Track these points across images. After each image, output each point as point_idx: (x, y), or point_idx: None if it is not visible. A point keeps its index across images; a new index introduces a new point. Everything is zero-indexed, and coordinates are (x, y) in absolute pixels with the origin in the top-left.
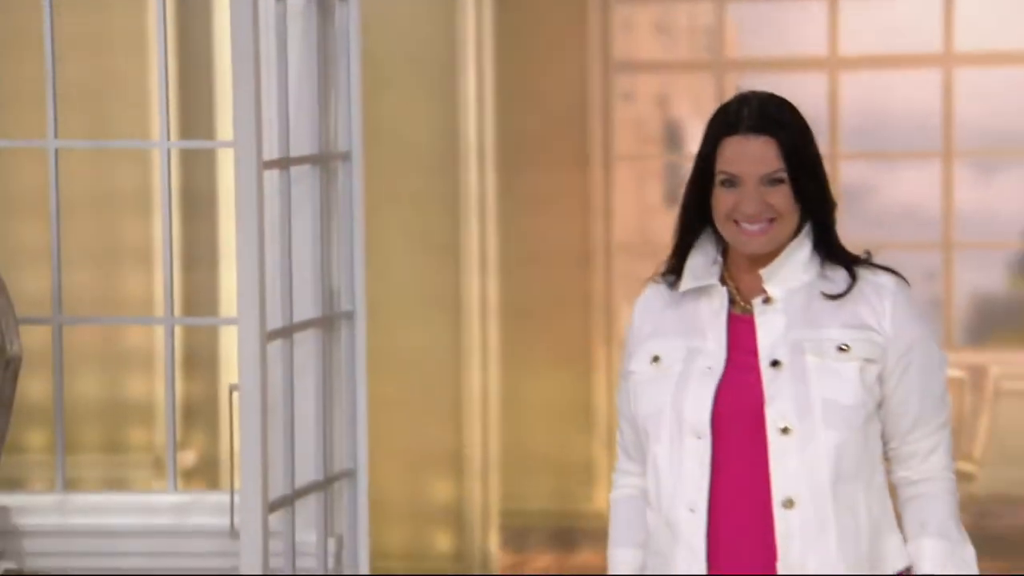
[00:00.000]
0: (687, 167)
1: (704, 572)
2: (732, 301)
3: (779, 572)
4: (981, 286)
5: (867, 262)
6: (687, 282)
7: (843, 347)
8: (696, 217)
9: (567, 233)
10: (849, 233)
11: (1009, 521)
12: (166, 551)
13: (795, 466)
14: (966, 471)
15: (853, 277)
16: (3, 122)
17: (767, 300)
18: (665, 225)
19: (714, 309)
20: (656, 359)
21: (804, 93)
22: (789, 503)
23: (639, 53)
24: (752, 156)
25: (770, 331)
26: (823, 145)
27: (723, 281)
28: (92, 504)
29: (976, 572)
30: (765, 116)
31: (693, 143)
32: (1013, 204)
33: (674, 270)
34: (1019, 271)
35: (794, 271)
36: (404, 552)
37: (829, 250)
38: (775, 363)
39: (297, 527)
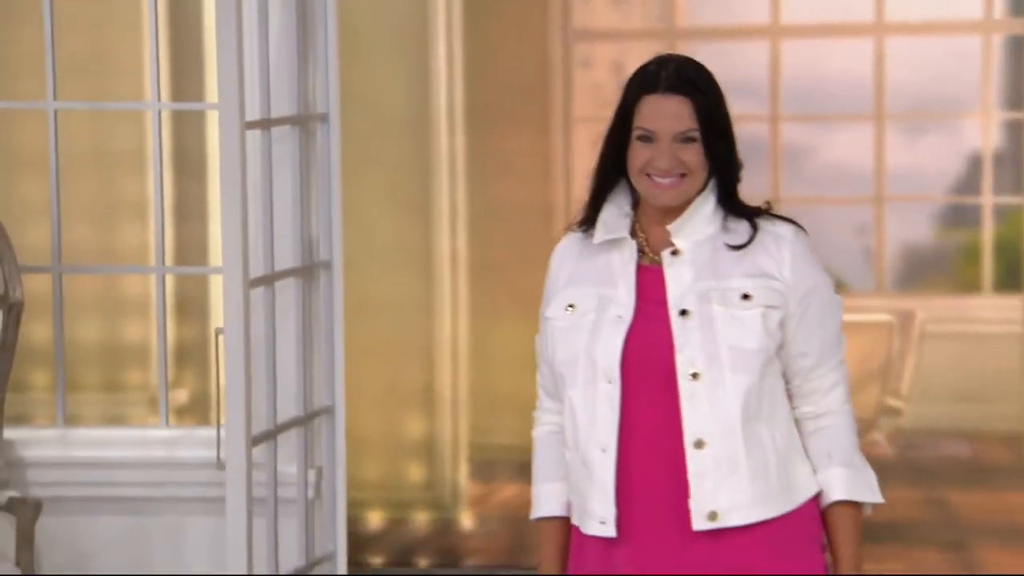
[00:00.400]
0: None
1: (613, 509)
2: (642, 252)
3: (691, 508)
4: (909, 238)
5: (767, 213)
6: (600, 234)
7: (746, 295)
8: (611, 171)
9: (530, 191)
10: (789, 189)
11: (931, 452)
12: (158, 481)
13: (705, 409)
14: (894, 407)
15: (754, 228)
16: (8, 87)
17: (675, 252)
18: None
19: (624, 260)
20: (571, 307)
21: (748, 60)
22: (700, 443)
23: (596, 23)
24: (669, 114)
25: (679, 282)
26: (766, 108)
27: (633, 234)
28: (91, 438)
29: (879, 494)
30: (682, 78)
31: None
32: (938, 162)
33: (589, 220)
34: (944, 224)
35: (700, 225)
36: (379, 482)
37: (732, 204)
38: (684, 312)
39: (279, 459)
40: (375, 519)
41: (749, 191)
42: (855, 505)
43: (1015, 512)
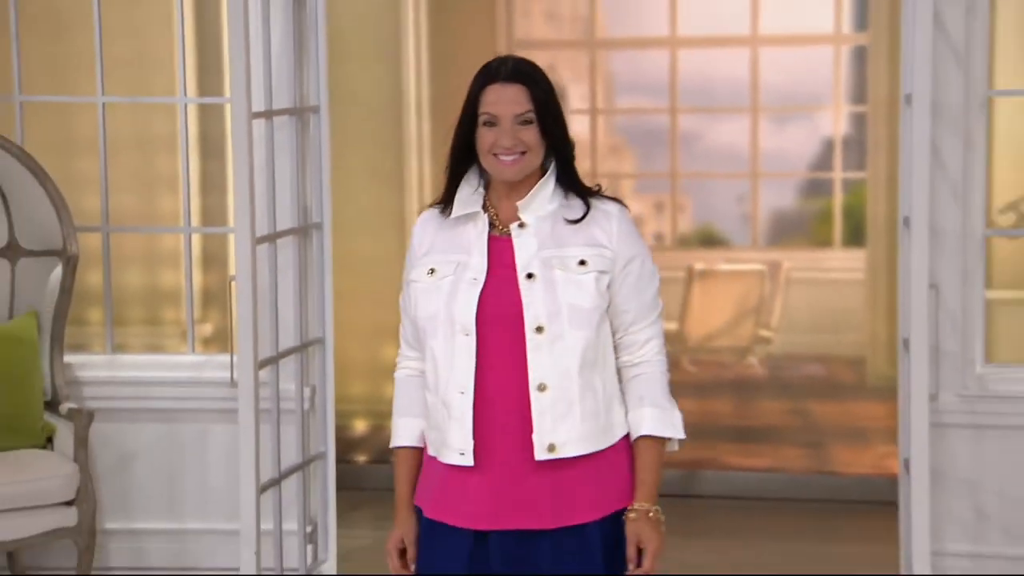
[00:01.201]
0: (567, 118)
1: (471, 442)
2: (493, 225)
3: (534, 442)
4: (777, 204)
5: (598, 193)
6: (456, 210)
7: (583, 261)
8: (462, 156)
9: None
10: (684, 166)
11: (794, 372)
12: (186, 396)
13: (547, 358)
14: (765, 337)
15: (588, 206)
16: (66, 85)
17: (522, 225)
18: None
19: (478, 231)
20: (432, 271)
21: (652, 65)
22: (542, 387)
23: (533, 34)
24: (508, 99)
25: (525, 250)
26: (666, 102)
27: (485, 209)
28: (134, 362)
29: (681, 431)
30: (519, 70)
31: (574, 100)
32: (800, 146)
33: (446, 199)
34: (804, 194)
35: (543, 202)
36: (362, 399)
37: (570, 183)
38: (530, 276)
39: (281, 379)
40: (359, 426)
41: (653, 167)
42: (659, 440)
43: (859, 419)
